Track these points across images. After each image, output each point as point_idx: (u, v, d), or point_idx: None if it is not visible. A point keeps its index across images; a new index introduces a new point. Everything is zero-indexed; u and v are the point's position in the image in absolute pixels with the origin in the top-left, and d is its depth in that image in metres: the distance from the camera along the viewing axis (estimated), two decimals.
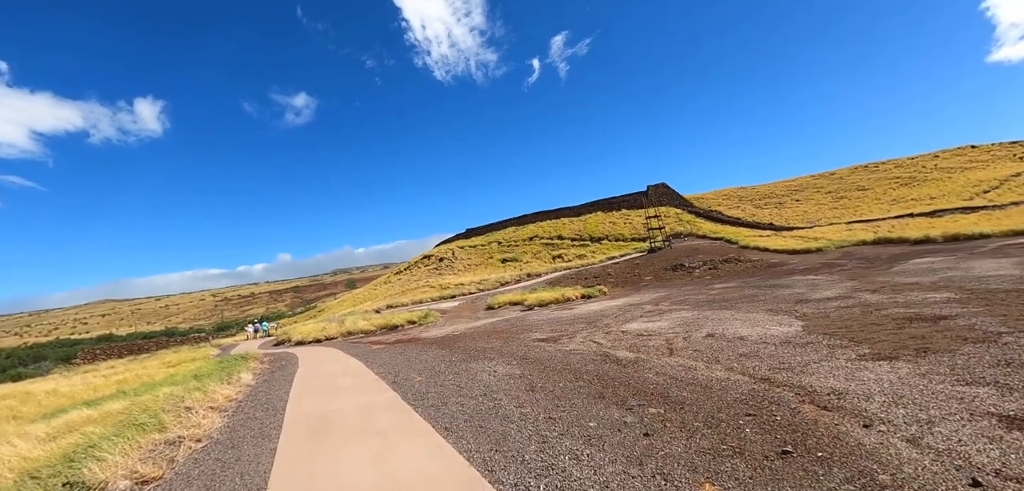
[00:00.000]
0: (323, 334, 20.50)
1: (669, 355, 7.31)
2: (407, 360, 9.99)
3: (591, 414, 4.91)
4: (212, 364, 14.61)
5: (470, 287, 36.99)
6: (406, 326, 21.17)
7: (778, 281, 17.72)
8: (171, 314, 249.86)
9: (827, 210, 67.69)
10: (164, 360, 24.86)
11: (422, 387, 6.98)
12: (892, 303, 9.50)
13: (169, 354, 28.88)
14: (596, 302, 20.06)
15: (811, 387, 5.02)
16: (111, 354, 38.97)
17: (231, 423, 6.10)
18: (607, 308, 16.59)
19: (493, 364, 8.20)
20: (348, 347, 15.46)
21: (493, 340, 11.71)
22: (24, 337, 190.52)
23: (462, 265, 59.12)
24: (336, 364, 10.72)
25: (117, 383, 18.11)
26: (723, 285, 19.20)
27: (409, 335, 17.17)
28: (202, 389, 7.26)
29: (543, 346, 9.66)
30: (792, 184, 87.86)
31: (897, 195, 67.15)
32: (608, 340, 9.45)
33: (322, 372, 9.74)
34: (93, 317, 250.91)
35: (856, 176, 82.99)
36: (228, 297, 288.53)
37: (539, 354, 8.71)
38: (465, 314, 24.03)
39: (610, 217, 63.24)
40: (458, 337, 13.68)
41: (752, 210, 74.85)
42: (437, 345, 12.33)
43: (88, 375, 24.51)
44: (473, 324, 18.63)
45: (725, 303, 12.99)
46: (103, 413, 6.83)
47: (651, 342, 8.58)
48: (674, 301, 15.90)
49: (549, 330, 12.39)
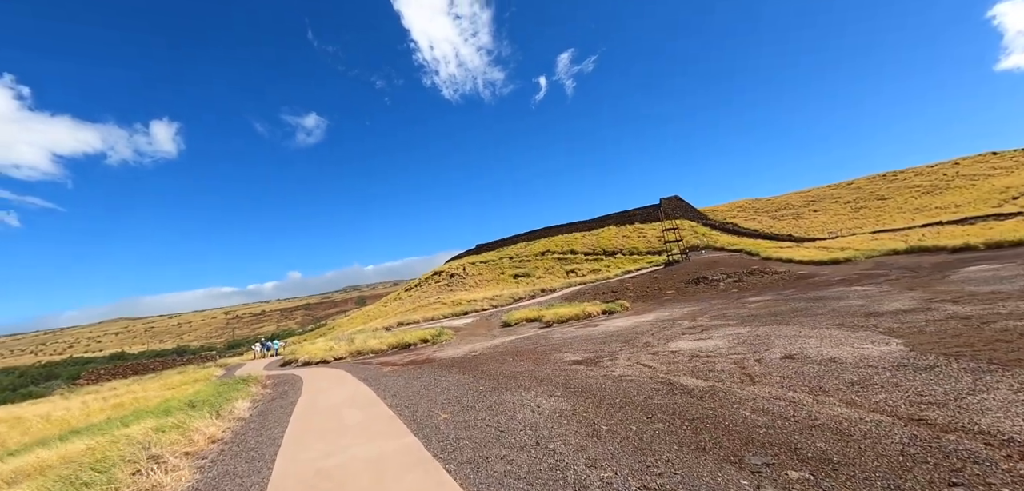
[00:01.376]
0: (331, 354, 19.24)
1: (751, 383, 5.90)
2: (425, 387, 8.62)
3: (700, 479, 3.50)
4: (210, 388, 13.44)
5: (483, 303, 35.63)
6: (419, 345, 19.83)
7: (820, 293, 16.19)
8: (183, 332, 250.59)
9: (847, 220, 65.70)
10: (166, 382, 23.79)
11: (450, 430, 5.58)
12: (994, 315, 8.01)
13: (173, 375, 27.84)
14: (621, 318, 18.61)
15: (1000, 433, 3.61)
16: (116, 374, 37.98)
17: (201, 483, 4.74)
18: (638, 324, 15.14)
19: (532, 395, 6.81)
20: (357, 369, 14.15)
21: (520, 362, 10.33)
22: (39, 355, 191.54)
23: (473, 281, 57.79)
24: (343, 391, 9.36)
25: (112, 408, 17.02)
26: (759, 298, 17.67)
27: (423, 355, 15.83)
28: (182, 427, 5.98)
29: (583, 371, 8.26)
30: (808, 194, 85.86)
31: (920, 203, 64.97)
32: (660, 363, 8.04)
33: (326, 402, 8.37)
34: (107, 335, 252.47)
35: (874, 185, 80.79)
36: (239, 315, 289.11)
37: (583, 381, 7.31)
38: (480, 332, 22.67)
39: (623, 231, 61.72)
40: (479, 358, 12.31)
41: (769, 221, 72.95)
42: (457, 368, 10.95)
43: (88, 397, 23.49)
44: (491, 343, 17.26)
45: (775, 318, 11.51)
46: (59, 456, 5.58)
47: (717, 365, 7.16)
48: (712, 316, 14.43)
49: (582, 350, 10.98)
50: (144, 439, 5.23)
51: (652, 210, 65.03)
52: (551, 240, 65.85)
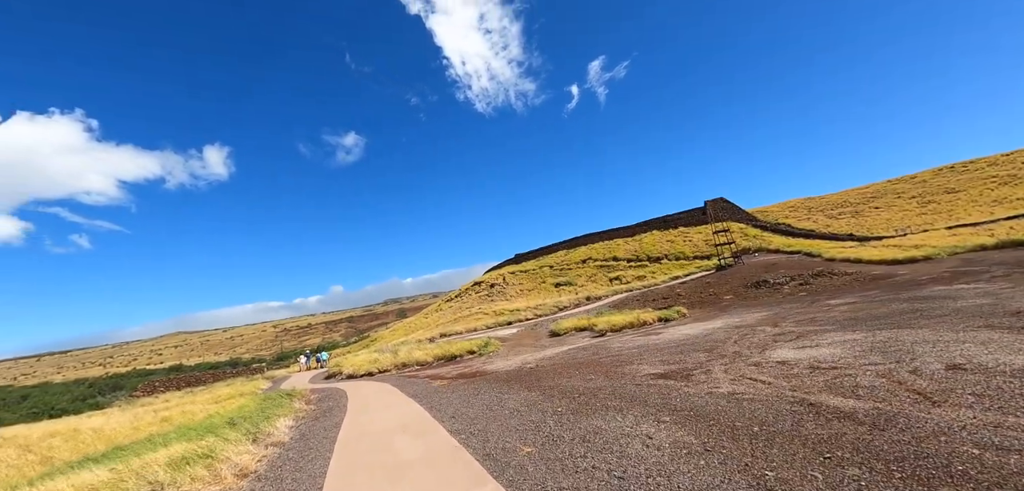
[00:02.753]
0: (375, 366, 18.52)
1: (931, 404, 4.41)
2: (487, 407, 7.44)
3: None
4: (254, 404, 12.88)
5: (526, 313, 34.44)
6: (465, 356, 18.84)
7: (915, 293, 14.12)
8: (236, 345, 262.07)
9: (914, 216, 60.64)
10: (215, 395, 23.89)
11: (541, 471, 4.18)
12: None
13: (222, 387, 28.13)
14: (684, 325, 16.96)
15: None
16: (171, 386, 39.15)
17: None
18: (709, 331, 13.53)
19: (630, 420, 5.47)
20: (404, 383, 13.23)
21: (590, 376, 9.02)
22: (107, 367, 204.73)
23: (514, 291, 56.71)
24: (392, 412, 8.32)
25: (161, 421, 16.96)
26: (842, 301, 15.66)
27: (472, 367, 14.76)
28: (212, 455, 5.13)
29: (676, 386, 6.88)
30: (867, 191, 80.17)
31: (998, 195, 59.11)
32: (771, 376, 6.58)
33: (375, 427, 7.28)
34: (166, 349, 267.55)
35: (942, 178, 74.42)
36: (287, 328, 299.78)
37: (686, 401, 5.93)
38: (528, 342, 21.48)
39: (667, 235, 59.15)
40: (538, 371, 11.09)
41: (825, 221, 68.39)
42: (517, 382, 9.74)
43: (141, 410, 23.90)
44: (544, 353, 16.03)
45: (881, 322, 9.68)
46: (79, 486, 4.81)
47: (857, 379, 5.65)
48: (797, 320, 12.65)
49: (658, 361, 9.57)
50: (165, 476, 4.36)
51: (696, 213, 62.14)
52: (592, 247, 64.00)
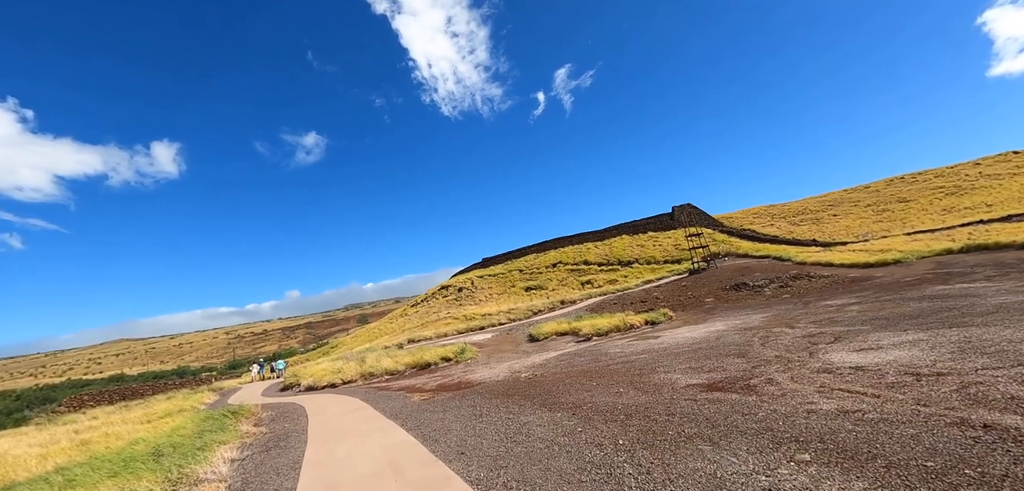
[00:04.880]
0: (339, 376, 16.45)
1: None
2: (503, 436, 5.77)
3: None
4: (192, 425, 10.71)
5: (499, 317, 32.85)
6: (441, 364, 17.05)
7: (920, 293, 13.83)
8: (184, 353, 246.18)
9: (871, 223, 63.28)
10: (150, 411, 20.98)
11: None
12: None
13: (161, 401, 25.00)
14: (677, 329, 15.88)
15: None
16: (102, 400, 35.08)
17: None
18: (720, 334, 12.40)
19: (754, 462, 3.87)
20: (376, 397, 11.36)
21: (616, 389, 7.50)
22: (38, 378, 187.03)
23: (483, 295, 54.99)
24: (371, 442, 6.43)
25: (79, 445, 14.29)
26: (844, 301, 15.09)
27: (453, 377, 13.02)
28: None
29: (748, 402, 5.38)
30: (826, 199, 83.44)
31: (946, 204, 62.50)
32: (865, 386, 5.28)
33: (352, 471, 5.29)
34: (107, 357, 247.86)
35: (894, 188, 78.48)
36: (241, 335, 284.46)
37: (793, 425, 4.47)
38: (506, 348, 19.90)
39: (637, 240, 59.05)
40: (538, 382, 9.51)
41: (788, 227, 70.38)
42: (521, 398, 8.10)
43: (59, 429, 20.70)
44: (530, 359, 14.51)
45: (921, 321, 8.74)
46: None
47: (1002, 390, 4.44)
48: (812, 321, 11.74)
49: (689, 369, 8.18)
50: None
51: (665, 218, 62.53)
52: (562, 251, 63.19)
